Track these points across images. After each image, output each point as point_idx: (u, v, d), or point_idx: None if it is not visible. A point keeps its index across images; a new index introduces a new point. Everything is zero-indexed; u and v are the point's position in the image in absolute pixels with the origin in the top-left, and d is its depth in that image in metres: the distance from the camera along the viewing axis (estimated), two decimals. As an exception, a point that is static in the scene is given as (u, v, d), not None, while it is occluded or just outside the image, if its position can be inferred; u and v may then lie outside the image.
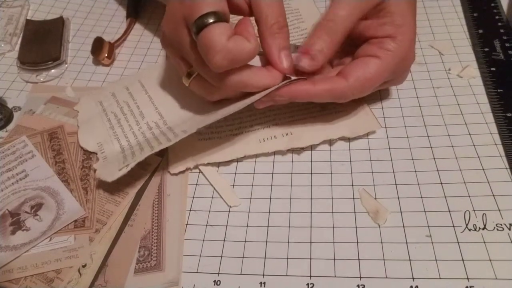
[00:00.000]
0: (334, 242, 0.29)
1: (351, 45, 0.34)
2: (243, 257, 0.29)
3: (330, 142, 0.35)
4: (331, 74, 0.33)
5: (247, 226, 0.31)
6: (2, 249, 0.30)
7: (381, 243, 0.29)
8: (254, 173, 0.34)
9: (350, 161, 0.34)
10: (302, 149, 0.35)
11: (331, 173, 0.33)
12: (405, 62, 0.33)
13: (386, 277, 0.27)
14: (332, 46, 0.31)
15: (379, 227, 0.30)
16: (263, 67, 0.31)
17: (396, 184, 0.32)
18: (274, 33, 0.30)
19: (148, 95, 0.38)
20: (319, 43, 0.31)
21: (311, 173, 0.33)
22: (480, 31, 0.42)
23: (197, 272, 0.29)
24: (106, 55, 0.44)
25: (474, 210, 0.30)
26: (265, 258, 0.29)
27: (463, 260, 0.28)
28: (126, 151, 0.34)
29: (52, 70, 0.44)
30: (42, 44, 0.45)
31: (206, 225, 0.31)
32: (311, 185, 0.33)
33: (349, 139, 0.35)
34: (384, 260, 0.28)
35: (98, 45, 0.44)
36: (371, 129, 0.35)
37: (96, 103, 0.39)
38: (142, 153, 0.32)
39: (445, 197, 0.31)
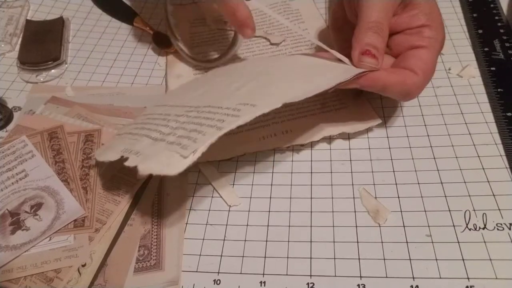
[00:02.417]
0: (334, 242, 0.29)
1: None
2: (243, 256, 0.29)
3: (330, 141, 0.35)
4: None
5: (247, 225, 0.31)
6: (2, 249, 0.30)
7: (382, 242, 0.29)
8: (254, 172, 0.34)
9: (350, 160, 0.34)
10: (302, 146, 0.35)
11: (331, 172, 0.33)
12: (442, 47, 0.33)
13: (387, 277, 0.27)
14: (384, 44, 0.32)
15: (379, 226, 0.30)
16: None
17: (396, 184, 0.32)
18: None
19: (168, 105, 0.34)
20: (374, 43, 0.31)
21: (311, 173, 0.33)
22: (480, 31, 0.42)
23: (197, 271, 0.29)
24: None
25: (474, 210, 0.30)
26: (265, 257, 0.29)
27: (463, 259, 0.28)
28: (167, 138, 0.28)
29: (52, 70, 0.44)
30: (42, 44, 0.45)
31: (206, 224, 0.31)
32: (311, 185, 0.33)
33: (349, 138, 0.35)
34: (384, 259, 0.28)
35: (160, 38, 0.45)
36: (371, 124, 0.35)
37: (112, 136, 0.35)
38: (206, 135, 0.26)
39: (445, 196, 0.31)
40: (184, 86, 0.39)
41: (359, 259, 0.28)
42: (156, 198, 0.33)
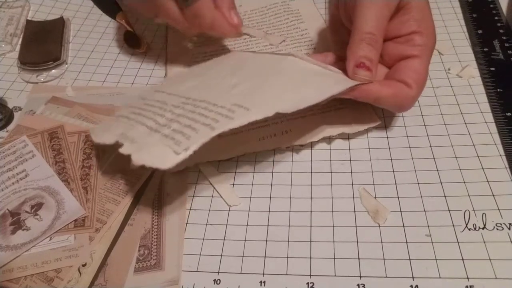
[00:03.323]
0: (334, 242, 0.29)
1: None
2: (243, 256, 0.29)
3: (330, 141, 0.35)
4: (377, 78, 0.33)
5: (247, 225, 0.31)
6: (2, 249, 0.30)
7: (381, 242, 0.29)
8: (254, 172, 0.34)
9: (350, 160, 0.34)
10: (302, 146, 0.35)
11: (331, 172, 0.33)
12: (433, 51, 0.33)
13: (386, 277, 0.27)
14: (378, 55, 0.31)
15: (379, 226, 0.30)
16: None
17: (396, 184, 0.32)
18: None
19: (166, 93, 0.34)
20: (368, 55, 0.31)
21: (311, 172, 0.33)
22: (480, 31, 0.42)
23: (197, 271, 0.29)
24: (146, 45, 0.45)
25: (474, 210, 0.30)
26: (265, 257, 0.29)
27: (463, 259, 0.28)
28: (162, 130, 0.28)
29: (53, 71, 0.44)
30: (42, 44, 0.45)
31: (206, 224, 0.31)
32: (311, 184, 0.33)
33: (348, 138, 0.35)
34: (384, 259, 0.28)
35: (131, 38, 0.45)
36: (370, 125, 0.35)
37: (109, 118, 0.35)
38: (199, 133, 0.26)
39: (445, 196, 0.31)
40: (184, 73, 0.39)
41: (358, 259, 0.28)
42: (156, 198, 0.33)
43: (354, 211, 0.31)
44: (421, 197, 0.31)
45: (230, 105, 0.28)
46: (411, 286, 0.27)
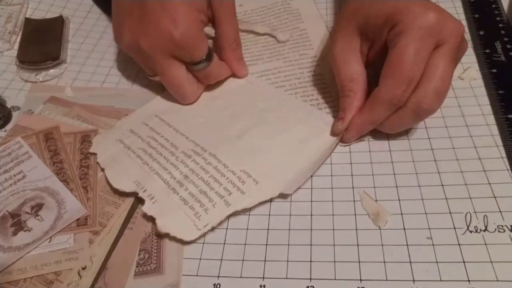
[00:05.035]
0: (334, 245, 0.29)
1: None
2: (243, 260, 0.29)
3: (331, 143, 0.35)
4: None
5: (247, 229, 0.31)
6: (5, 250, 0.30)
7: (382, 245, 0.29)
8: (254, 175, 0.34)
9: (351, 163, 0.34)
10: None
11: (331, 175, 0.33)
12: (428, 19, 0.29)
13: (387, 280, 0.27)
14: (352, 98, 0.33)
15: (380, 229, 0.30)
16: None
17: (396, 186, 0.32)
18: (233, 49, 0.39)
19: (173, 127, 0.37)
20: (342, 107, 0.34)
21: (311, 176, 0.33)
22: (481, 32, 0.42)
23: (197, 275, 0.29)
24: None
25: (475, 212, 0.30)
26: (265, 261, 0.29)
27: (464, 262, 0.28)
28: (179, 190, 0.32)
29: (51, 70, 0.44)
30: (41, 43, 0.45)
31: (206, 227, 0.31)
32: (311, 188, 0.33)
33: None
34: (384, 262, 0.28)
35: None
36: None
37: (114, 142, 0.36)
38: (216, 207, 0.30)
39: (446, 199, 0.31)
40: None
41: (359, 262, 0.28)
42: (156, 200, 0.33)
43: (355, 214, 0.31)
44: (422, 199, 0.31)
45: (239, 171, 0.32)
46: (412, 289, 0.27)
